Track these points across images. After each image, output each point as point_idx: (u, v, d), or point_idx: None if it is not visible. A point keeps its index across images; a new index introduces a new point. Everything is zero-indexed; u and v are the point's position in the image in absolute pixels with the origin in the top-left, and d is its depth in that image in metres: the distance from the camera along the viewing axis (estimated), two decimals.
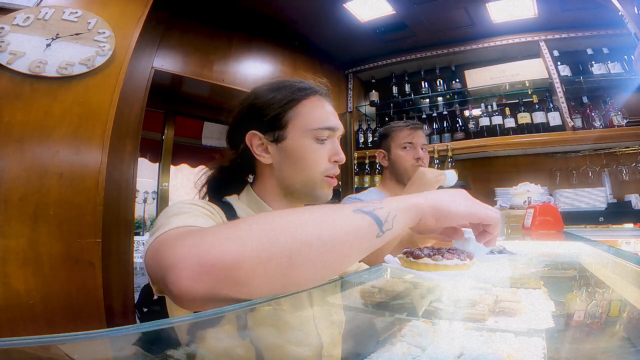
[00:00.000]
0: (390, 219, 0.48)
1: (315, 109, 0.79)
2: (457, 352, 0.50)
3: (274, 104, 0.77)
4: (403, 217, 0.50)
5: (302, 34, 3.19)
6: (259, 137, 0.78)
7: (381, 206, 0.49)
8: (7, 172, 1.69)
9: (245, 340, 0.44)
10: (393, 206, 0.50)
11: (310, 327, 0.55)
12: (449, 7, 2.86)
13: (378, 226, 0.47)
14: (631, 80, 2.67)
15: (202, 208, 0.65)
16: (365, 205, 0.49)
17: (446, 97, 3.44)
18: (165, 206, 3.44)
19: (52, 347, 0.29)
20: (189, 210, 0.61)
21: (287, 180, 0.78)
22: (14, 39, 1.79)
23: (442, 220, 0.53)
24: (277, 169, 0.78)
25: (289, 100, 0.78)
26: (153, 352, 0.35)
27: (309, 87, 0.81)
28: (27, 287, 1.65)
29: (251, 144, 0.78)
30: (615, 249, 0.82)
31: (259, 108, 0.78)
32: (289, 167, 0.77)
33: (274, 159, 0.78)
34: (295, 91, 0.79)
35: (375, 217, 0.47)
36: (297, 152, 0.77)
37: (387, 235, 0.48)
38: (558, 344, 0.53)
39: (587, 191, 2.74)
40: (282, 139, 0.77)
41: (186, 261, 0.39)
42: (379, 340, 0.57)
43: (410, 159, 1.57)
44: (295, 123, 0.77)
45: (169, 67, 2.61)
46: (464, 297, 0.68)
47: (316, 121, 0.78)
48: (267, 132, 0.78)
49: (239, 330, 0.44)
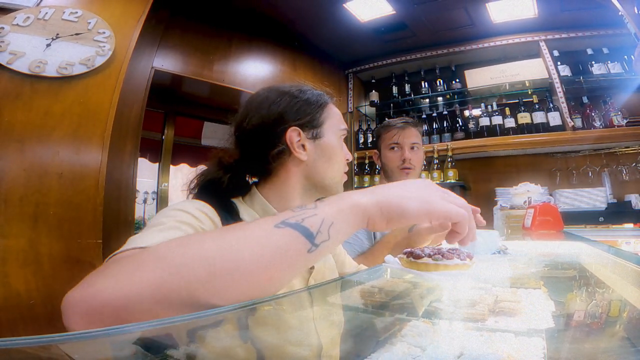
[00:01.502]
0: (325, 228, 0.42)
1: (337, 112, 0.87)
2: (457, 352, 0.50)
3: (313, 104, 0.82)
4: (342, 224, 0.44)
5: (302, 34, 3.19)
6: (298, 133, 0.80)
7: (314, 213, 0.43)
8: (7, 172, 1.69)
9: (244, 340, 0.44)
10: (328, 211, 0.43)
11: (309, 327, 0.55)
12: (449, 7, 2.86)
13: (308, 239, 0.41)
14: (631, 80, 2.67)
15: (187, 214, 0.63)
16: (292, 215, 0.43)
17: (446, 97, 3.44)
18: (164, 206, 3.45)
19: (52, 347, 0.29)
20: (166, 221, 0.59)
21: (318, 175, 0.81)
22: (14, 39, 1.79)
23: (393, 222, 0.46)
24: (311, 165, 0.81)
25: (323, 102, 0.84)
26: (153, 351, 0.35)
27: (329, 92, 0.89)
28: (27, 287, 1.65)
29: (291, 141, 0.79)
30: (615, 249, 0.82)
31: (299, 107, 0.82)
32: (324, 163, 0.81)
33: (310, 155, 0.81)
34: (322, 94, 0.86)
35: (304, 229, 0.41)
36: (332, 150, 0.82)
37: (324, 248, 0.42)
38: (558, 344, 0.53)
39: (587, 191, 2.74)
40: (320, 136, 0.82)
41: (75, 306, 0.37)
42: (379, 340, 0.57)
43: (396, 161, 1.52)
44: (329, 122, 0.83)
45: (169, 67, 2.62)
46: (464, 297, 0.68)
47: (341, 122, 0.86)
48: (305, 129, 0.81)
49: (238, 330, 0.44)
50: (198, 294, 0.37)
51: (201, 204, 0.69)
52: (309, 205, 0.45)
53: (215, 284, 0.38)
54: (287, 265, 0.40)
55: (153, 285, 0.37)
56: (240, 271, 0.38)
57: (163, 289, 0.37)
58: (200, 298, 0.37)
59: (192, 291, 0.37)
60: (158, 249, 0.41)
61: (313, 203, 0.45)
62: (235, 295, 0.39)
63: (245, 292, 0.39)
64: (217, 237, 0.41)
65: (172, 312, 0.37)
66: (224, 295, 0.38)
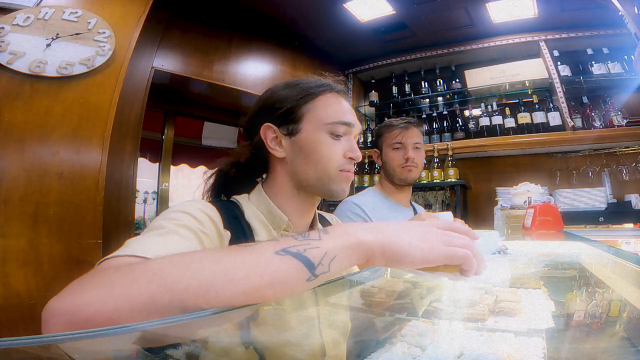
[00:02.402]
0: (327, 261, 0.42)
1: (331, 105, 0.79)
2: (457, 352, 0.50)
3: (289, 98, 0.78)
4: (344, 259, 0.44)
5: (302, 34, 3.19)
6: (273, 130, 0.77)
7: (317, 245, 0.43)
8: (7, 172, 1.69)
9: (244, 339, 0.44)
10: (331, 245, 0.43)
11: (310, 327, 0.55)
12: (449, 7, 2.86)
13: (309, 269, 0.41)
14: (631, 80, 2.67)
15: (188, 216, 0.62)
16: (295, 244, 0.43)
17: (446, 97, 3.44)
18: (165, 206, 3.44)
19: (52, 347, 0.29)
20: (166, 224, 0.59)
21: (300, 174, 0.77)
22: (14, 39, 1.79)
23: (392, 264, 0.46)
24: (290, 163, 0.77)
25: (304, 95, 0.78)
26: (153, 351, 0.35)
27: (325, 84, 0.81)
28: (27, 287, 1.65)
29: (265, 137, 0.77)
30: (615, 249, 0.82)
31: (274, 102, 0.79)
32: (302, 160, 0.76)
33: (287, 153, 0.77)
34: (312, 87, 0.79)
35: (305, 259, 0.41)
36: (310, 146, 0.76)
37: (322, 278, 0.43)
38: (558, 344, 0.53)
39: (587, 191, 2.73)
40: (296, 132, 0.76)
41: (59, 316, 0.36)
42: (379, 340, 0.57)
43: (399, 160, 1.54)
44: (310, 117, 0.77)
45: (169, 67, 2.62)
46: (464, 297, 0.68)
47: (331, 116, 0.77)
48: (281, 126, 0.77)
49: (238, 329, 0.44)
50: (190, 312, 0.37)
51: (204, 205, 0.68)
52: (313, 235, 0.44)
53: (208, 304, 0.38)
54: (282, 292, 0.41)
55: (145, 302, 0.37)
56: (234, 297, 0.39)
57: (156, 305, 0.37)
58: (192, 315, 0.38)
59: (184, 309, 0.37)
60: (153, 265, 0.40)
61: (317, 233, 0.45)
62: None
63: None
64: (214, 260, 0.40)
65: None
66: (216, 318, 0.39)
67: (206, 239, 0.62)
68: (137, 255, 0.49)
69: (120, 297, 0.37)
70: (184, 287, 0.37)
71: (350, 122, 0.78)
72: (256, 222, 0.75)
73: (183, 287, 0.37)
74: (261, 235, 0.73)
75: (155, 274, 0.39)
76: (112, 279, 0.40)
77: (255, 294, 0.39)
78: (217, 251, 0.43)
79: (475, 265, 0.47)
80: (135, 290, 0.37)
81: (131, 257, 0.49)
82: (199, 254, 0.42)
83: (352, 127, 0.79)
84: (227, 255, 0.41)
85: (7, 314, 1.59)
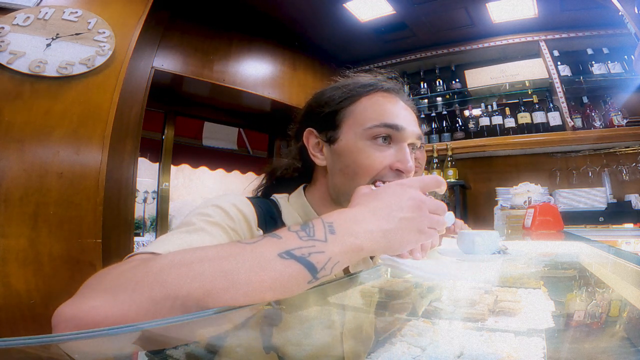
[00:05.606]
0: (330, 266, 0.42)
1: (375, 106, 0.68)
2: (457, 352, 0.50)
3: (331, 101, 0.71)
4: (345, 262, 0.45)
5: (302, 34, 3.19)
6: (315, 136, 0.72)
7: (322, 250, 0.42)
8: (7, 172, 1.69)
9: (244, 339, 0.44)
10: (337, 251, 0.43)
11: (310, 327, 0.55)
12: (449, 7, 2.86)
13: (311, 273, 0.41)
14: (631, 80, 2.67)
15: (220, 211, 0.61)
16: (299, 246, 0.42)
17: (446, 97, 3.44)
18: (165, 206, 3.41)
19: (52, 347, 0.29)
20: (195, 221, 0.58)
21: (337, 187, 0.69)
22: (14, 38, 1.79)
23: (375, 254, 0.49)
24: (330, 172, 0.71)
25: (346, 97, 0.69)
26: (153, 351, 0.35)
27: (372, 83, 0.71)
28: (27, 287, 1.65)
29: (307, 142, 0.73)
30: (615, 249, 0.82)
31: (317, 105, 0.73)
32: (339, 172, 0.68)
33: (328, 161, 0.71)
34: (356, 87, 0.71)
35: (309, 264, 0.41)
36: (348, 156, 0.66)
37: (321, 280, 0.43)
38: (558, 344, 0.53)
39: (587, 191, 2.74)
40: (335, 139, 0.69)
41: (68, 322, 0.37)
42: (379, 340, 0.57)
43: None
44: (350, 122, 0.68)
45: (169, 67, 2.62)
46: (464, 297, 0.68)
47: (372, 119, 0.66)
48: (322, 131, 0.71)
49: (238, 329, 0.44)
50: (192, 312, 0.38)
51: (240, 200, 0.65)
52: (319, 235, 0.44)
53: (208, 304, 0.38)
54: (282, 295, 0.41)
55: (147, 309, 0.37)
56: (235, 299, 0.39)
57: (159, 310, 0.37)
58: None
59: (186, 310, 0.37)
60: (153, 267, 0.40)
61: (323, 231, 0.44)
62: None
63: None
64: (215, 258, 0.40)
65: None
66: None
67: (235, 236, 0.61)
68: (156, 253, 0.49)
69: (125, 303, 0.37)
70: (185, 294, 0.37)
71: (396, 125, 0.66)
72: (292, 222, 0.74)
73: (185, 294, 0.37)
74: None
75: (155, 278, 0.39)
76: (118, 282, 0.40)
77: (256, 296, 0.39)
78: (219, 249, 0.43)
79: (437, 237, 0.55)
80: (139, 296, 0.37)
81: (150, 254, 0.49)
82: (200, 253, 0.42)
83: (402, 130, 0.67)
84: (228, 255, 0.41)
85: (7, 313, 1.59)
